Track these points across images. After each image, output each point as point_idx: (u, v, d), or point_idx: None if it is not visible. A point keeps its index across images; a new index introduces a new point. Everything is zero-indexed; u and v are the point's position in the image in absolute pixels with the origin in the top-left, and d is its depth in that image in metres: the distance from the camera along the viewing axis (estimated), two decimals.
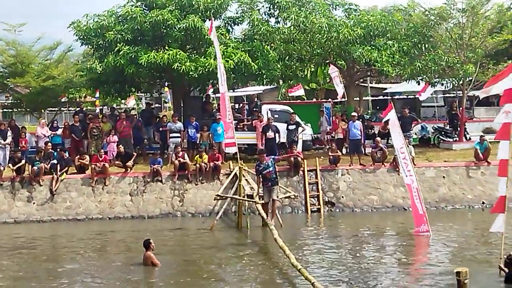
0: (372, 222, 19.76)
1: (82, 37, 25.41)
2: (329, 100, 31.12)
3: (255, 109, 26.50)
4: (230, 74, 23.34)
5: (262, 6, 27.02)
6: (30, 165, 21.79)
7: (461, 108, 26.82)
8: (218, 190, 20.42)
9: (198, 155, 22.43)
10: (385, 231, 18.44)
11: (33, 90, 29.99)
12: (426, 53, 25.92)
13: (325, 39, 25.17)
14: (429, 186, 21.86)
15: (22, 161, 21.91)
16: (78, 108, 30.89)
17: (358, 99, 32.94)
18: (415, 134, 27.64)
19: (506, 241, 13.22)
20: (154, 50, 23.85)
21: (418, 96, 31.92)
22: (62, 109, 37.06)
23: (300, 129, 23.85)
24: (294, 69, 28.26)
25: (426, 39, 26.07)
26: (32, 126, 31.77)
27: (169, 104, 43.28)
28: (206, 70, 23.08)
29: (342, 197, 21.80)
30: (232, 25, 26.96)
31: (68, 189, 21.58)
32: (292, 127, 23.56)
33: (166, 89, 34.84)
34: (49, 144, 22.86)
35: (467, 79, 25.91)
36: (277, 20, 26.96)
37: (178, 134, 23.82)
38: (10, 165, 21.91)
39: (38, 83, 29.24)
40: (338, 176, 22.34)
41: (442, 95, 38.69)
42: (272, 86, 34.42)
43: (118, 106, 38.52)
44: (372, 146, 23.55)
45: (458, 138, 26.35)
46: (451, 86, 28.24)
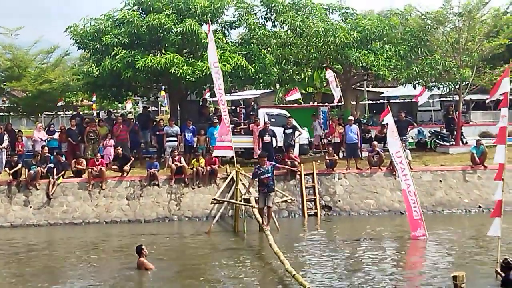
0: (369, 226, 19.73)
1: (78, 41, 25.38)
2: (326, 104, 31.19)
3: (252, 113, 26.51)
4: (227, 78, 23.36)
5: (259, 10, 27.03)
6: (27, 169, 21.69)
7: (457, 112, 26.88)
8: (215, 194, 20.38)
9: (195, 159, 22.44)
10: (381, 235, 18.43)
11: (29, 94, 29.93)
12: (423, 57, 26.01)
13: (321, 43, 25.19)
14: (425, 190, 21.87)
15: (19, 165, 21.80)
16: (74, 112, 30.85)
17: (355, 103, 32.93)
18: (412, 138, 27.69)
19: (502, 245, 13.24)
20: (151, 54, 23.87)
21: (415, 100, 31.98)
22: (59, 113, 37.03)
23: (297, 133, 23.90)
24: (291, 73, 28.29)
25: (423, 43, 26.16)
26: (28, 130, 31.72)
27: (166, 108, 43.27)
28: (203, 74, 23.08)
29: (339, 201, 21.80)
30: (229, 29, 27.03)
31: (64, 193, 21.53)
32: (289, 131, 23.61)
33: (163, 93, 34.84)
34: (45, 148, 22.80)
35: (464, 83, 25.97)
36: (273, 24, 26.99)
37: (175, 138, 23.79)
38: (6, 169, 21.82)
39: (34, 87, 29.17)
40: (335, 180, 22.34)
41: (439, 99, 38.74)
42: (269, 90, 34.53)
43: (115, 110, 38.52)
44: (369, 150, 23.56)
45: (454, 142, 26.38)
46: (448, 90, 28.30)
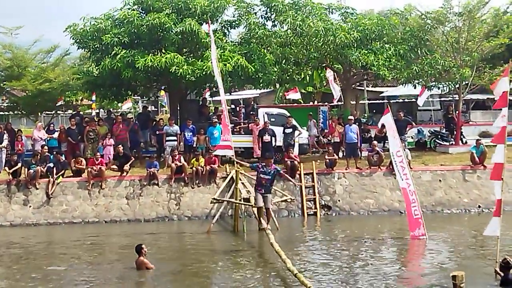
0: (368, 226, 19.78)
1: (78, 40, 25.33)
2: (325, 103, 31.22)
3: (252, 112, 26.51)
4: (227, 78, 23.36)
5: (259, 10, 27.01)
6: (26, 168, 21.70)
7: (457, 111, 26.88)
8: (215, 194, 20.35)
9: (194, 159, 22.44)
10: (381, 235, 18.43)
11: (29, 93, 29.94)
12: (423, 56, 25.99)
13: (321, 43, 25.17)
14: (425, 189, 21.88)
15: (18, 164, 21.81)
16: (74, 111, 30.86)
17: (355, 103, 32.94)
18: (412, 137, 27.70)
19: (501, 244, 13.24)
20: (151, 54, 23.83)
21: (418, 97, 31.81)
22: (59, 112, 37.03)
23: (296, 132, 23.90)
24: (291, 72, 28.25)
25: (423, 43, 26.13)
26: (28, 129, 31.69)
27: (165, 107, 43.25)
28: (203, 73, 23.07)
29: (339, 200, 21.81)
30: (228, 28, 26.99)
31: (64, 192, 21.53)
32: (288, 131, 23.62)
33: (163, 92, 34.80)
34: (45, 147, 22.81)
35: (464, 83, 25.95)
36: (273, 23, 26.96)
37: (175, 138, 23.78)
38: (6, 168, 21.83)
39: (34, 87, 29.18)
40: (334, 179, 22.35)
41: (439, 99, 38.75)
42: (268, 90, 34.49)
43: (115, 110, 38.51)
44: (368, 149, 23.57)
45: (454, 142, 26.38)
46: (448, 90, 28.29)
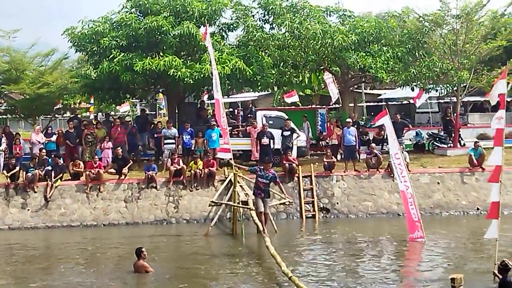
0: (366, 228, 19.78)
1: (76, 43, 25.35)
2: (324, 106, 31.24)
3: (250, 115, 26.49)
4: (225, 80, 23.35)
5: (257, 12, 27.02)
6: (25, 171, 21.70)
7: (455, 114, 26.89)
8: (213, 197, 20.35)
9: (193, 162, 22.41)
10: (379, 237, 18.40)
11: (27, 97, 29.93)
12: (421, 59, 25.99)
13: (319, 45, 25.18)
14: (423, 192, 21.87)
15: (17, 167, 21.80)
16: (72, 114, 30.83)
17: (353, 105, 32.97)
18: (410, 140, 27.72)
19: (500, 247, 13.24)
20: (149, 57, 23.84)
21: (414, 102, 31.93)
22: (57, 115, 37.00)
23: (295, 135, 23.89)
24: (289, 75, 28.26)
25: (421, 45, 26.16)
26: (26, 133, 31.70)
27: (163, 110, 43.26)
28: (202, 76, 23.07)
29: (337, 203, 21.80)
30: (226, 31, 26.99)
31: (62, 195, 21.52)
32: (287, 133, 23.61)
33: (161, 95, 34.82)
34: (43, 150, 22.81)
35: (461, 85, 25.97)
36: (271, 26, 26.95)
37: (173, 140, 23.77)
38: (4, 171, 21.85)
39: (33, 90, 29.17)
40: (333, 182, 22.35)
41: (437, 101, 38.80)
42: (266, 92, 34.49)
43: (113, 113, 38.50)
44: (366, 152, 23.56)
45: (452, 144, 26.38)
46: (446, 92, 28.32)
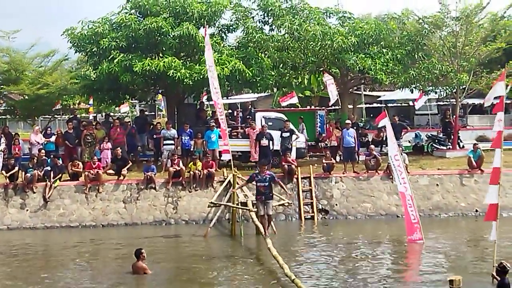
0: (365, 230, 19.79)
1: (76, 44, 25.34)
2: (323, 107, 31.22)
3: (249, 116, 26.49)
4: (224, 82, 23.35)
5: (256, 14, 27.01)
6: (24, 172, 21.69)
7: (454, 116, 26.90)
8: (212, 198, 20.35)
9: (192, 163, 22.39)
10: (378, 239, 18.41)
11: (27, 97, 29.90)
12: (420, 61, 26.02)
13: (319, 47, 25.19)
14: (422, 194, 21.88)
15: (16, 168, 21.79)
16: (72, 115, 30.81)
17: (352, 107, 32.98)
18: (409, 142, 27.74)
19: (498, 249, 13.25)
20: (149, 58, 23.84)
21: (415, 103, 31.88)
22: (56, 116, 36.96)
23: (294, 136, 23.89)
24: (288, 76, 28.27)
25: (420, 47, 26.17)
26: (25, 133, 31.67)
27: (163, 111, 43.25)
28: (201, 77, 23.07)
29: (336, 204, 21.80)
30: (226, 32, 27.01)
31: (61, 196, 21.50)
32: (286, 135, 23.60)
33: (160, 96, 34.80)
34: (42, 151, 22.78)
35: (461, 87, 25.99)
36: (271, 27, 26.95)
37: (172, 141, 23.75)
38: (3, 172, 21.78)
39: (32, 91, 29.16)
40: (332, 183, 22.35)
41: (436, 103, 38.83)
42: (266, 94, 34.50)
43: (112, 114, 38.46)
44: (366, 153, 23.59)
45: (451, 146, 26.42)
46: (445, 94, 28.33)
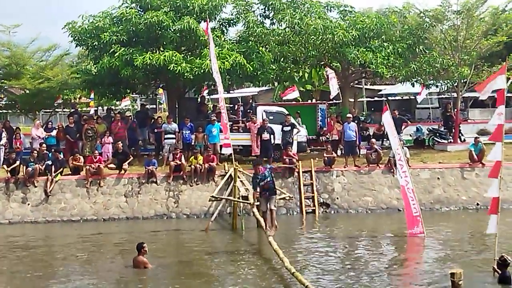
0: (366, 224, 19.81)
1: (77, 38, 25.32)
2: (324, 101, 31.22)
3: (250, 110, 26.49)
4: (225, 76, 23.35)
5: (257, 8, 27.04)
6: (25, 166, 21.70)
7: (455, 109, 26.89)
8: (213, 192, 20.35)
9: (193, 157, 22.39)
10: (379, 233, 18.42)
11: (28, 92, 29.91)
12: (421, 55, 26.01)
13: (320, 41, 25.17)
14: (423, 187, 21.88)
15: (17, 162, 21.80)
16: (73, 109, 30.82)
17: (353, 101, 32.99)
18: (410, 135, 27.73)
19: (500, 242, 13.26)
20: (149, 52, 23.82)
21: (418, 96, 31.77)
22: (57, 110, 36.99)
23: (295, 130, 23.90)
24: (289, 70, 28.27)
25: (421, 41, 26.15)
26: (27, 127, 31.67)
27: (164, 105, 43.24)
28: (202, 71, 23.06)
29: (337, 198, 21.82)
30: (227, 26, 27.00)
31: (62, 190, 21.53)
32: (287, 129, 23.62)
33: (161, 90, 34.78)
34: (43, 145, 22.81)
35: (462, 81, 25.96)
36: (272, 21, 26.97)
37: (173, 135, 23.75)
38: (4, 166, 21.84)
39: (33, 85, 29.16)
40: (333, 177, 22.35)
41: (437, 97, 38.79)
42: (267, 88, 34.52)
43: (114, 108, 38.44)
44: (367, 147, 23.60)
45: (452, 140, 26.41)
46: (446, 88, 28.30)
